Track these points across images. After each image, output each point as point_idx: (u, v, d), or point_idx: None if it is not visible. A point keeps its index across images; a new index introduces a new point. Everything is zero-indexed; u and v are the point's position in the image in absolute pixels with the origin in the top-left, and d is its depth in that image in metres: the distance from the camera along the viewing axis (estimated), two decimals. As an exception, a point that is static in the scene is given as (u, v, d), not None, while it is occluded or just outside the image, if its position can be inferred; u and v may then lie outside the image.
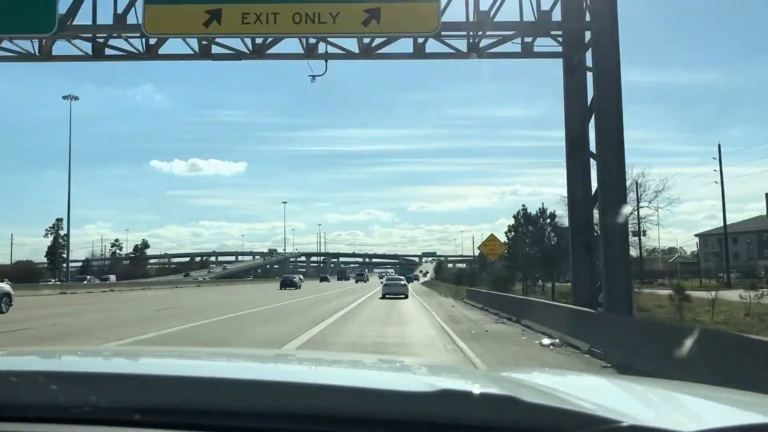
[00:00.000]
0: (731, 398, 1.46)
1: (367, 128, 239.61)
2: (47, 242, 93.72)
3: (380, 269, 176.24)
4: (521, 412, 1.07)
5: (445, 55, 15.04)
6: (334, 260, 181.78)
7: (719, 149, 49.04)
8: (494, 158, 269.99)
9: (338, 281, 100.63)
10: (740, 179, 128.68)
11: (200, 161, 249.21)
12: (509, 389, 1.18)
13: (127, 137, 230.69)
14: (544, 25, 14.11)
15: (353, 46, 14.87)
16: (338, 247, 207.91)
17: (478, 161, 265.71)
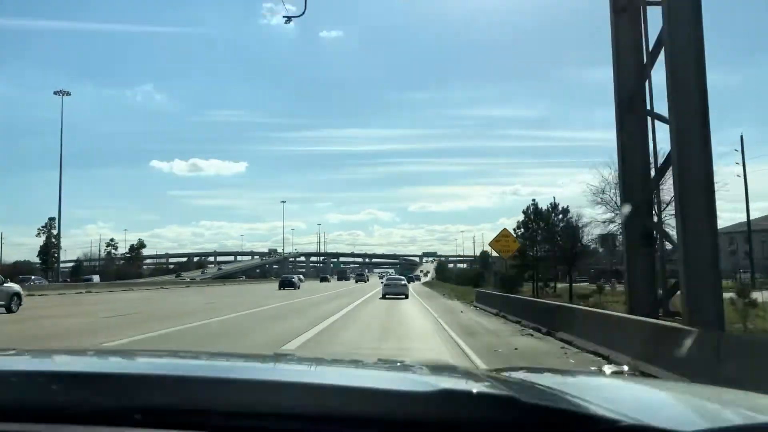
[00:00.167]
0: (731, 398, 1.48)
1: (367, 128, 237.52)
2: (41, 242, 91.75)
3: (380, 269, 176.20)
4: (521, 412, 1.07)
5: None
6: (333, 260, 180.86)
7: (741, 141, 45.71)
8: (495, 158, 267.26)
9: (338, 281, 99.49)
10: (740, 179, 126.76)
11: (201, 161, 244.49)
12: (509, 389, 1.19)
13: (127, 137, 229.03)
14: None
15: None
16: (338, 247, 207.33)
17: (478, 161, 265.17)
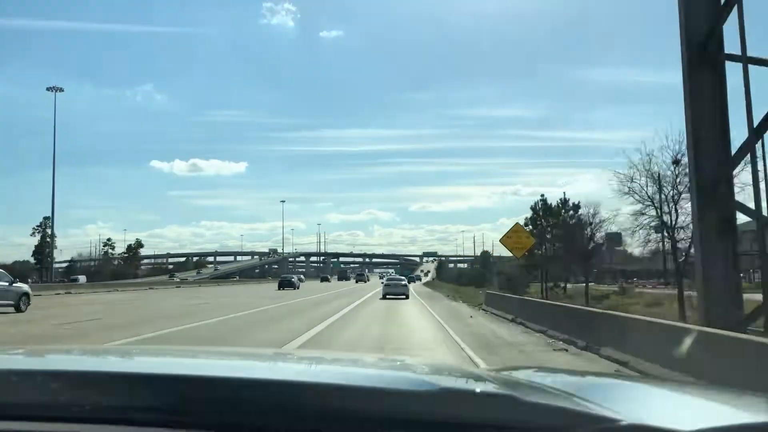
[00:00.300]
0: (731, 397, 1.46)
1: (367, 128, 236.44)
2: (36, 242, 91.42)
3: (380, 269, 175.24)
4: (522, 411, 1.07)
5: None
6: (333, 260, 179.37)
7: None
8: (495, 158, 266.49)
9: (339, 281, 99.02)
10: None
11: (201, 161, 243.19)
12: (510, 388, 1.20)
13: (127, 137, 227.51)
14: None
15: None
16: (339, 247, 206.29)
17: (478, 161, 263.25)
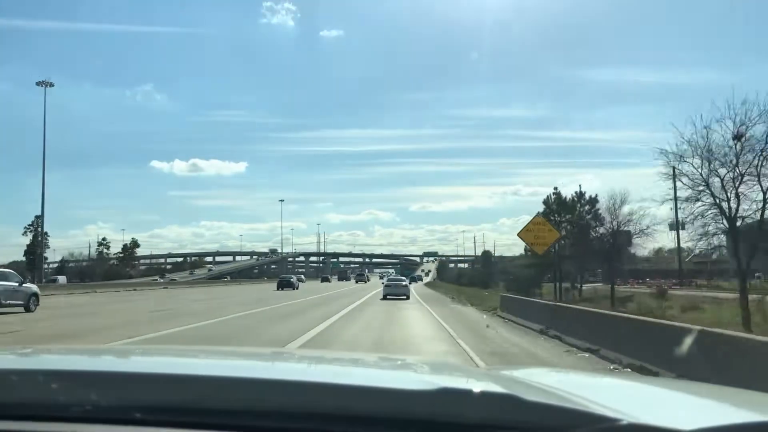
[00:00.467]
0: (730, 396, 1.45)
1: (367, 128, 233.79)
2: (28, 241, 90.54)
3: (381, 269, 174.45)
4: (521, 410, 1.06)
5: None
6: (333, 260, 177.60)
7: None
8: (495, 158, 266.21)
9: (339, 281, 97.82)
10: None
11: (201, 161, 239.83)
12: (510, 387, 1.18)
13: (127, 137, 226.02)
14: None
15: None
16: (339, 247, 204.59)
17: (478, 161, 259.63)
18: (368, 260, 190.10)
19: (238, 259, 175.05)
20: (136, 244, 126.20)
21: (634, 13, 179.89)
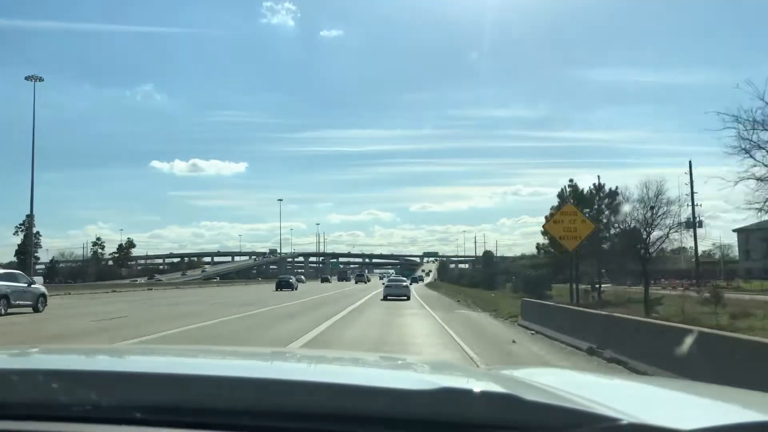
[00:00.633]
0: (730, 396, 1.44)
1: (367, 128, 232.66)
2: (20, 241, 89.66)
3: (381, 270, 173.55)
4: (522, 409, 1.06)
5: None
6: (333, 260, 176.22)
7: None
8: (495, 158, 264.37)
9: (339, 282, 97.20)
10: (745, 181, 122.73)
11: (201, 161, 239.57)
12: (510, 387, 1.18)
13: (127, 137, 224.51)
14: None
15: None
16: (339, 247, 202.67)
17: (479, 161, 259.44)
18: (368, 260, 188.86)
19: (237, 259, 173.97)
20: (131, 244, 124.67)
21: (634, 13, 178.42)
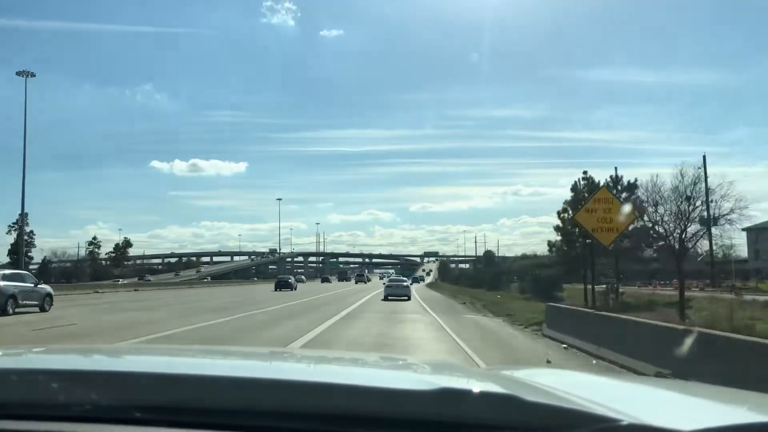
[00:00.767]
0: (730, 397, 1.44)
1: (367, 128, 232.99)
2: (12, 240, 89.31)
3: (381, 270, 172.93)
4: (521, 410, 1.06)
5: None
6: (333, 260, 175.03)
7: None
8: (495, 158, 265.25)
9: (339, 282, 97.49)
10: (747, 179, 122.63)
11: (201, 161, 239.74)
12: (510, 388, 1.18)
13: (127, 137, 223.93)
14: None
15: None
16: (339, 247, 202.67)
17: (479, 161, 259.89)
18: (368, 260, 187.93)
19: (236, 259, 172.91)
20: (128, 243, 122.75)
21: (634, 13, 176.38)
